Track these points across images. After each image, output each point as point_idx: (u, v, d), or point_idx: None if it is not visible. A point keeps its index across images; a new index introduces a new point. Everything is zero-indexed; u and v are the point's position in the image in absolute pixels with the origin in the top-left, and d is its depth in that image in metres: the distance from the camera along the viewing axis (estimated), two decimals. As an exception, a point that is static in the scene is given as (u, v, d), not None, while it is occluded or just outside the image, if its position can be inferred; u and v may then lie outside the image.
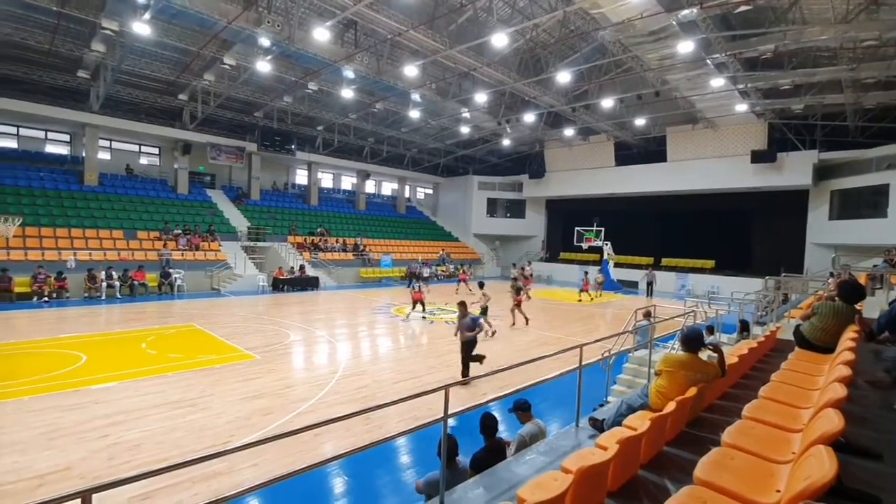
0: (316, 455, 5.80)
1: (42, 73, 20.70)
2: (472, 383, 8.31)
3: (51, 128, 24.13)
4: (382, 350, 12.10)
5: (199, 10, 14.35)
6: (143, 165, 27.25)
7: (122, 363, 9.47)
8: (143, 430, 6.36)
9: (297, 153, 29.95)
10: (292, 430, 2.78)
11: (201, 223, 24.59)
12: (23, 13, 16.34)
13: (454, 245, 36.90)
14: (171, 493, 4.73)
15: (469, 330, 9.17)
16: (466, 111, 24.47)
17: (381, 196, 40.07)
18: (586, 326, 15.90)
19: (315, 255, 26.63)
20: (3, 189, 20.11)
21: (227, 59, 18.25)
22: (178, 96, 23.79)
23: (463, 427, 5.89)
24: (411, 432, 3.47)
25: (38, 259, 17.80)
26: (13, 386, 7.94)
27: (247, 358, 10.23)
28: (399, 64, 19.20)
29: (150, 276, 19.51)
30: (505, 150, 34.44)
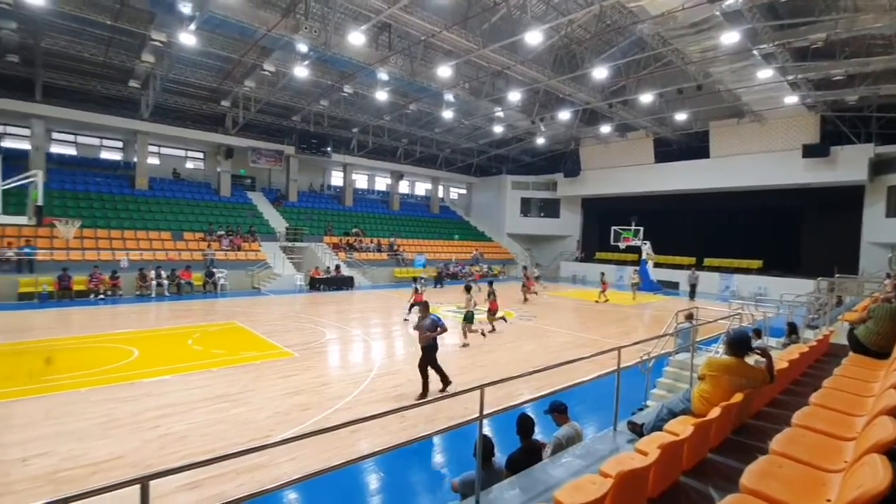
0: (352, 451, 5.90)
1: (97, 84, 22.00)
2: (507, 383, 8.23)
3: (105, 135, 25.61)
4: (416, 349, 12.15)
5: (241, 19, 14.88)
6: (188, 169, 28.56)
7: (171, 358, 9.94)
8: (190, 422, 6.66)
9: (332, 155, 30.60)
10: (330, 426, 2.84)
11: (243, 224, 25.51)
12: (79, 27, 17.40)
13: (488, 245, 36.77)
14: (216, 483, 4.93)
15: (429, 331, 8.21)
16: (500, 110, 24.34)
17: (414, 196, 40.40)
18: (623, 328, 15.50)
19: (350, 255, 27.13)
20: (64, 193, 21.49)
21: (267, 65, 18.85)
22: (220, 103, 24.77)
23: (496, 427, 5.85)
24: (446, 431, 3.47)
25: (94, 259, 18.92)
26: (73, 378, 8.48)
27: (286, 355, 10.53)
28: (432, 65, 19.30)
29: (195, 276, 20.41)
30: (539, 148, 34.03)
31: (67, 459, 5.48)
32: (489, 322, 13.84)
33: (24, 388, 7.84)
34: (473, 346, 12.13)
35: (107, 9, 15.66)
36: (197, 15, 14.57)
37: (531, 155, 36.64)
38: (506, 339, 13.12)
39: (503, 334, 13.69)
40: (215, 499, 4.58)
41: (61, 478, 5.08)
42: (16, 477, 5.07)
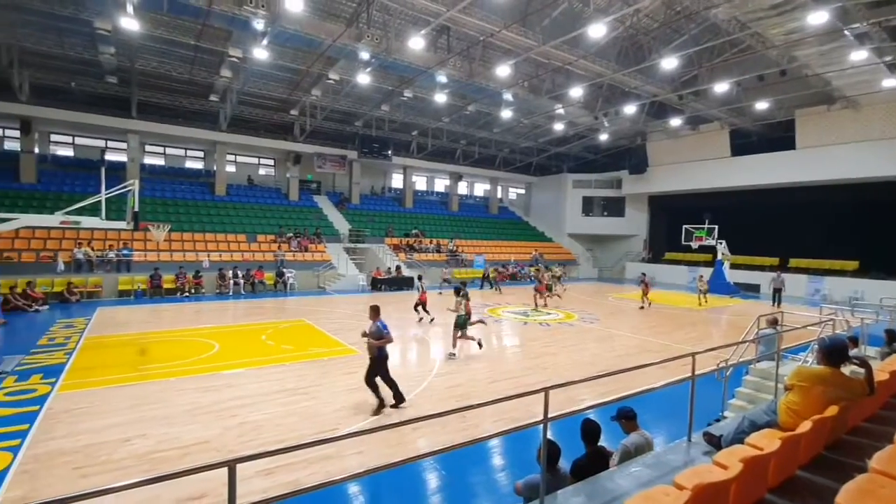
0: (413, 449, 6.01)
1: (182, 100, 24.08)
2: (570, 387, 8.02)
3: (189, 146, 27.96)
4: (476, 350, 12.18)
5: (308, 31, 15.66)
6: (261, 176, 30.49)
7: (247, 352, 10.64)
8: (265, 412, 7.09)
9: (393, 158, 31.40)
10: (393, 423, 2.91)
11: (309, 227, 26.80)
12: (167, 48, 19.15)
13: (548, 245, 36.06)
14: (289, 470, 5.21)
15: (375, 338, 7.30)
16: (560, 107, 23.78)
17: (473, 197, 40.47)
18: (696, 333, 14.58)
19: (410, 255, 27.64)
20: (155, 200, 23.67)
21: (332, 74, 19.70)
22: (289, 112, 26.21)
23: (557, 432, 5.71)
24: (509, 433, 3.44)
25: (180, 260, 20.69)
26: (163, 368, 9.32)
27: (350, 352, 10.91)
28: (491, 65, 19.24)
29: (267, 275, 21.72)
30: (602, 145, 32.86)
31: (161, 442, 6.03)
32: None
33: (124, 376, 8.73)
34: (536, 348, 11.93)
35: (190, 30, 17.08)
36: (269, 30, 15.52)
37: (593, 152, 35.47)
38: (568, 341, 12.79)
39: (566, 337, 13.35)
40: (289, 485, 4.84)
41: (157, 458, 5.60)
42: (120, 455, 5.66)
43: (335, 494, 4.91)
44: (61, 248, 18.98)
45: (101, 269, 18.88)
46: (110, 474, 5.20)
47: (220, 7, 14.07)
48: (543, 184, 39.75)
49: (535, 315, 16.98)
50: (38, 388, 7.91)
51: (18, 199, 20.33)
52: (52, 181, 22.76)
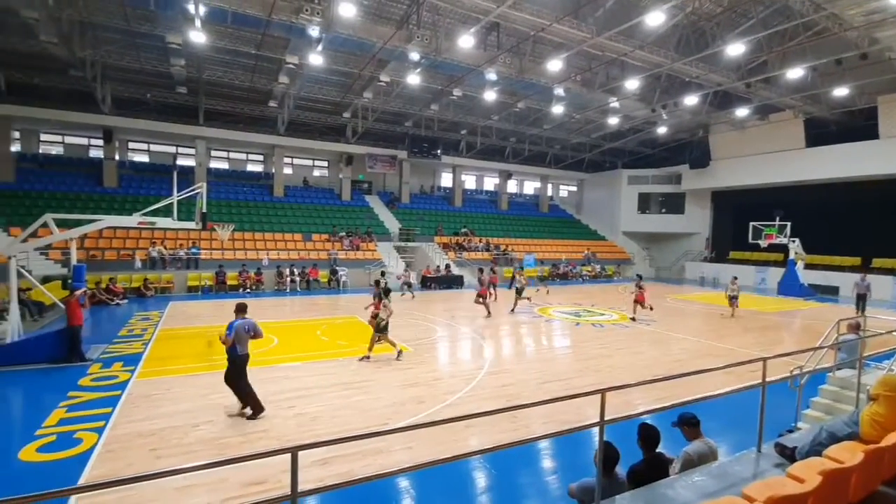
0: (463, 446, 6.02)
1: (244, 106, 25.45)
2: (624, 391, 7.73)
3: (250, 150, 29.52)
4: (526, 349, 12.03)
5: (361, 35, 16.07)
6: (315, 177, 31.68)
7: (303, 346, 11.08)
8: (320, 404, 7.35)
9: (442, 157, 31.60)
10: (444, 419, 2.91)
11: (361, 226, 27.52)
12: (230, 58, 20.31)
13: (600, 244, 34.99)
14: (343, 461, 5.37)
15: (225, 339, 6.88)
16: (615, 100, 22.95)
17: (523, 195, 39.97)
18: (764, 338, 13.62)
19: (460, 254, 27.71)
20: (220, 202, 25.15)
21: (383, 76, 20.10)
22: (342, 114, 27.02)
23: (610, 436, 5.51)
24: (562, 435, 3.35)
25: (242, 258, 21.88)
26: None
27: (401, 349, 11.08)
28: (542, 60, 18.90)
29: (321, 273, 22.50)
30: (659, 139, 31.44)
31: (226, 428, 6.40)
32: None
33: (194, 366, 9.36)
34: (588, 349, 11.61)
35: (252, 40, 18.00)
36: (323, 36, 16.06)
37: (650, 146, 33.99)
38: (622, 344, 12.33)
39: (620, 339, 12.89)
40: (343, 475, 4.99)
41: (222, 443, 5.95)
42: (190, 439, 6.07)
43: (386, 487, 5.00)
44: (138, 246, 20.62)
45: (173, 266, 20.34)
46: (182, 456, 5.58)
47: (278, 16, 14.73)
48: (596, 181, 38.58)
49: (588, 315, 16.52)
50: (120, 375, 8.63)
51: (102, 202, 22.28)
52: (130, 185, 24.77)
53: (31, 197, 21.47)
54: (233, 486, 4.82)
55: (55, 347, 9.37)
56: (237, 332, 6.92)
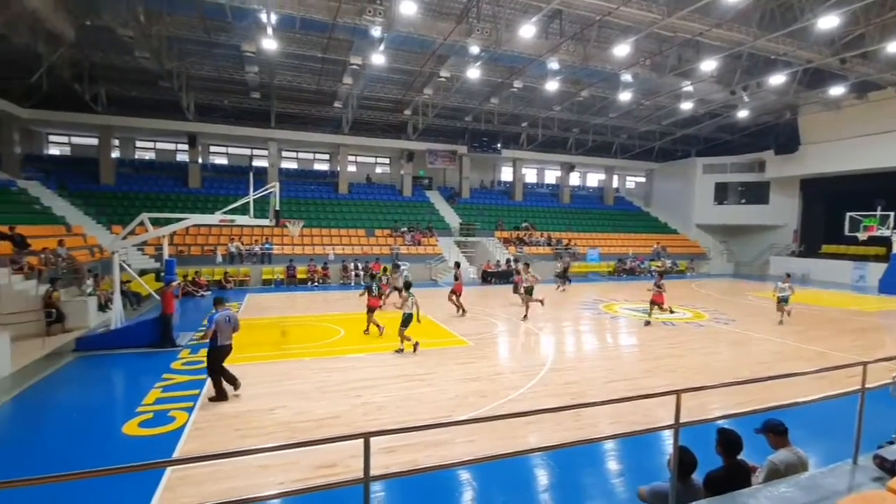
0: (524, 442, 5.95)
1: (311, 108, 26.64)
2: (698, 393, 7.27)
3: (317, 150, 30.90)
4: (591, 347, 11.67)
5: (421, 33, 16.24)
6: (378, 174, 32.56)
7: (368, 338, 11.45)
8: (385, 395, 7.57)
9: (502, 151, 31.28)
10: (509, 413, 2.89)
11: (422, 221, 27.94)
12: (299, 63, 21.33)
13: (672, 238, 33.13)
14: (408, 451, 5.49)
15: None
16: (689, 84, 21.49)
17: (586, 188, 38.71)
18: (865, 340, 12.25)
19: (520, 249, 27.36)
20: (290, 200, 26.52)
21: (443, 72, 20.20)
22: (403, 112, 27.49)
23: (683, 440, 5.21)
24: (632, 436, 3.21)
25: (310, 253, 22.99)
26: (299, 348, 10.46)
27: (462, 343, 11.17)
28: (607, 45, 18.10)
29: (384, 267, 23.08)
30: (740, 123, 29.05)
31: (298, 413, 6.78)
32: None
33: (269, 354, 9.98)
34: (658, 349, 11.05)
35: (318, 44, 18.77)
36: (385, 35, 16.40)
37: (729, 132, 31.54)
38: (697, 343, 11.61)
39: (694, 338, 12.14)
40: (407, 464, 5.11)
41: (295, 427, 6.30)
42: (266, 422, 6.49)
43: (447, 477, 5.05)
44: (219, 242, 22.28)
45: (249, 260, 21.80)
46: (261, 437, 5.98)
47: (343, 19, 15.24)
48: (667, 170, 36.45)
49: (658, 313, 15.70)
50: (206, 361, 9.37)
51: (188, 202, 24.29)
52: (211, 186, 26.80)
53: (129, 198, 23.86)
54: (305, 468, 5.09)
55: (152, 334, 10.37)
56: (218, 324, 7.21)
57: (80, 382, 8.46)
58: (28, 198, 19.73)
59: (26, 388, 7.86)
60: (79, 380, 8.58)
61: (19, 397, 7.52)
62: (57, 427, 6.48)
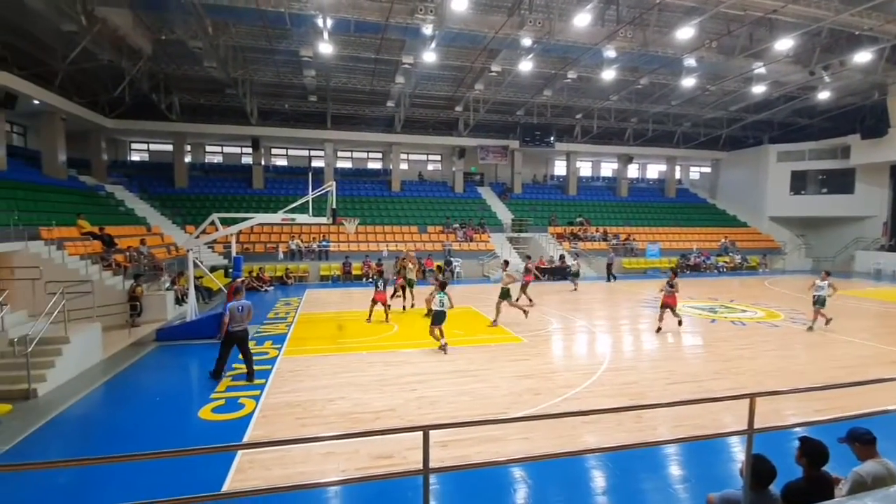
0: (581, 442, 5.80)
1: (364, 109, 27.30)
2: (772, 398, 6.76)
3: (370, 149, 31.64)
4: (651, 346, 11.17)
5: (473, 28, 16.17)
6: (429, 171, 32.87)
7: (421, 334, 11.58)
8: (439, 390, 7.65)
9: (555, 145, 30.55)
10: (565, 412, 2.82)
11: (474, 217, 27.90)
12: (353, 65, 21.89)
13: (741, 231, 31.07)
14: (461, 446, 5.52)
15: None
16: (761, 65, 19.90)
17: (645, 180, 37.04)
18: (972, 344, 10.90)
19: (575, 244, 26.67)
20: (345, 198, 27.37)
21: (494, 66, 20.02)
22: (454, 108, 27.53)
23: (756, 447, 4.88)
24: (699, 440, 3.05)
25: (365, 250, 23.61)
26: (355, 342, 10.80)
27: (515, 340, 11.06)
28: (669, 29, 17.18)
29: (436, 264, 23.30)
30: (819, 106, 26.58)
31: (357, 405, 7.00)
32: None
33: (327, 347, 10.38)
34: (726, 349, 10.42)
35: (371, 45, 19.20)
36: (437, 33, 16.47)
37: (807, 115, 29.00)
38: (770, 345, 10.82)
39: (767, 339, 11.32)
40: (460, 459, 5.14)
41: (354, 418, 6.52)
42: (327, 412, 6.76)
43: (501, 474, 5.02)
44: (280, 240, 23.40)
45: (308, 257, 22.75)
46: (322, 426, 6.24)
47: (395, 19, 15.47)
48: (736, 159, 34.07)
49: (725, 311, 14.79)
50: (270, 352, 9.92)
51: (252, 202, 25.69)
52: (273, 186, 28.17)
53: (200, 199, 25.59)
54: (364, 458, 5.24)
55: (216, 326, 11.08)
56: (230, 312, 8.01)
57: (161, 369, 9.20)
58: (114, 201, 21.69)
59: (116, 374, 8.67)
60: (160, 367, 9.34)
61: (110, 382, 8.31)
62: (143, 409, 7.10)
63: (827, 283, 12.13)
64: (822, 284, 12.14)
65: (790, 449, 5.39)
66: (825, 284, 12.12)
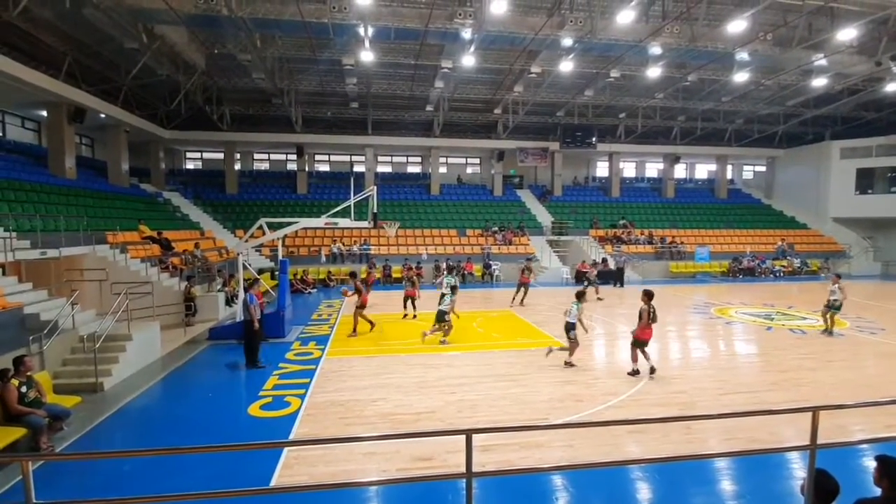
0: (626, 452, 5.62)
1: (404, 114, 27.68)
2: (835, 412, 6.31)
3: (410, 153, 32.04)
4: (701, 354, 10.70)
5: (512, 30, 16.09)
6: (468, 174, 32.88)
7: (462, 337, 11.60)
8: (479, 393, 7.62)
9: (597, 145, 29.85)
10: (612, 420, 2.74)
11: (513, 220, 27.67)
12: (393, 71, 22.28)
13: (801, 233, 29.28)
14: (504, 450, 5.46)
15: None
16: (821, 57, 18.68)
17: (693, 180, 35.56)
18: None
19: (618, 247, 25.93)
20: (385, 203, 27.78)
21: (534, 67, 19.83)
22: (493, 111, 27.44)
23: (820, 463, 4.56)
24: (753, 454, 2.89)
25: (405, 253, 23.88)
26: (396, 345, 10.93)
27: (556, 344, 10.82)
28: (718, 23, 16.46)
29: (476, 267, 23.29)
30: (887, 98, 24.62)
31: (398, 406, 7.08)
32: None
33: (369, 348, 10.58)
34: (784, 360, 9.83)
35: (411, 51, 19.47)
36: (475, 36, 16.50)
37: (874, 109, 26.98)
38: (834, 355, 10.10)
39: (831, 349, 10.58)
40: (502, 463, 5.09)
41: (395, 419, 6.59)
42: (370, 412, 6.87)
43: (543, 481, 4.92)
44: (323, 244, 24.05)
45: (350, 260, 23.24)
46: (364, 426, 6.35)
47: (434, 25, 15.62)
48: (793, 157, 32.08)
49: (783, 319, 13.96)
50: (314, 353, 10.21)
51: (297, 207, 26.56)
52: (316, 191, 29.02)
53: (249, 205, 26.72)
54: (405, 459, 5.28)
55: (269, 327, 11.49)
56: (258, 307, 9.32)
57: (213, 367, 9.65)
58: (171, 207, 23.01)
59: (173, 370, 9.17)
60: (212, 364, 9.80)
61: (168, 377, 8.80)
62: (198, 404, 7.47)
63: (837, 287, 11.71)
64: (834, 289, 11.73)
65: (855, 466, 5.04)
66: (836, 288, 11.70)
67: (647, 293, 8.67)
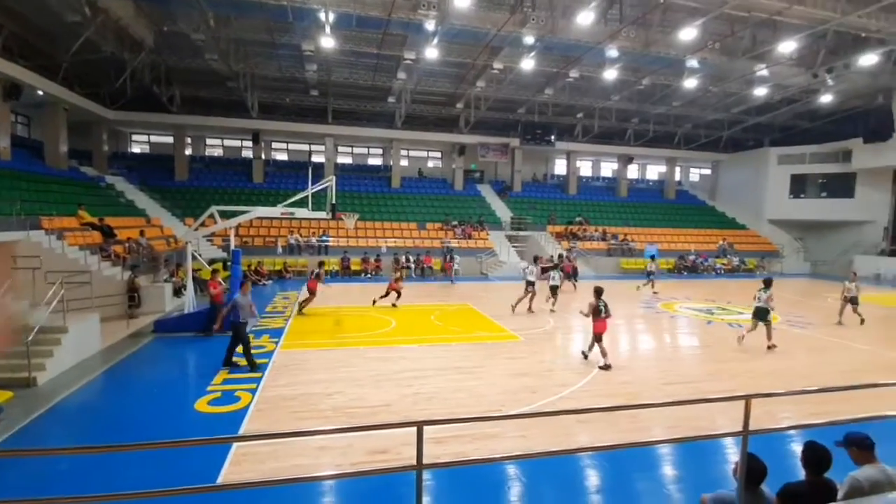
0: (576, 441, 5.82)
1: (366, 104, 27.23)
2: (767, 400, 6.78)
3: (371, 145, 31.58)
4: (647, 347, 11.22)
5: (475, 25, 16.12)
6: (429, 168, 32.81)
7: (418, 330, 11.64)
8: (435, 386, 7.67)
9: (556, 144, 30.50)
10: (563, 409, 2.83)
11: (473, 215, 27.88)
12: (355, 59, 21.83)
13: (740, 234, 31.11)
14: (456, 442, 5.53)
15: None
16: (763, 67, 19.88)
17: (645, 181, 37.03)
18: (968, 350, 10.93)
19: (573, 244, 26.67)
20: (344, 194, 27.32)
21: (496, 63, 19.99)
22: (455, 105, 27.48)
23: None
24: (691, 441, 3.06)
25: (364, 246, 23.60)
26: (352, 337, 10.80)
27: (512, 338, 11.08)
28: (672, 29, 17.14)
29: (435, 261, 23.32)
30: (822, 109, 26.55)
31: (354, 399, 7.01)
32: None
33: (324, 341, 10.40)
34: (721, 351, 10.45)
35: (373, 40, 19.13)
36: (439, 29, 16.42)
37: (808, 119, 29.00)
38: (767, 348, 10.82)
39: (763, 342, 11.32)
40: (456, 455, 5.15)
41: (351, 412, 6.53)
42: (323, 406, 6.77)
43: (495, 471, 5.02)
44: (279, 234, 23.37)
45: (307, 252, 22.72)
46: (318, 420, 6.25)
47: (397, 15, 15.41)
48: (736, 161, 34.06)
49: (722, 313, 14.83)
50: (267, 346, 9.93)
51: (252, 196, 25.64)
52: (273, 180, 28.11)
53: (200, 192, 25.52)
54: (359, 452, 5.26)
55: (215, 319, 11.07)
56: (241, 305, 8.49)
57: (159, 361, 9.21)
58: (115, 192, 21.63)
59: (114, 364, 8.68)
60: (157, 358, 9.34)
61: (108, 372, 8.31)
62: (141, 400, 7.11)
63: (855, 285, 13.29)
64: (852, 286, 13.26)
65: (785, 451, 5.44)
66: (854, 286, 13.25)
67: (596, 290, 9.30)
